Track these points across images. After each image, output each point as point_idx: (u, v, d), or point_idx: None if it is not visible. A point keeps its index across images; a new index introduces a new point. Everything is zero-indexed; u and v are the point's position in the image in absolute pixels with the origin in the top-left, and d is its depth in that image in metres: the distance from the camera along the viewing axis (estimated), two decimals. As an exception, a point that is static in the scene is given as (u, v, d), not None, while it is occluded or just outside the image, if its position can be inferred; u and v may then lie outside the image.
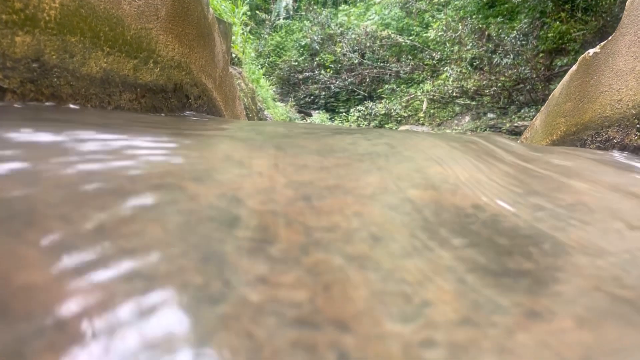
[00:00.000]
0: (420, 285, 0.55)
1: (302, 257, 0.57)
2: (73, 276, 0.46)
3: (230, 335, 0.42)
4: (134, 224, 0.57)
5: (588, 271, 0.61)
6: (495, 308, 0.51)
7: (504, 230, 0.73)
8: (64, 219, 0.54)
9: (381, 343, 0.44)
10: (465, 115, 9.46)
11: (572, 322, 0.48)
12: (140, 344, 0.40)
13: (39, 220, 0.53)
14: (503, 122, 8.21)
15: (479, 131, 8.34)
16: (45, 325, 0.40)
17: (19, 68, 1.30)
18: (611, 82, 1.84)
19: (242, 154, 0.94)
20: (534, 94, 7.99)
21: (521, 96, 8.35)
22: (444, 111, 9.91)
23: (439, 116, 9.92)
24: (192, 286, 0.48)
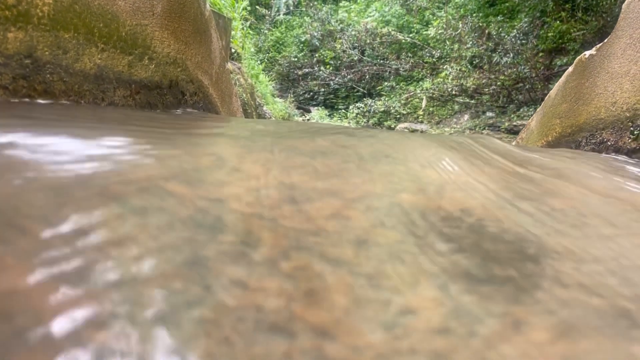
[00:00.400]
0: (402, 292, 0.54)
1: (285, 263, 0.57)
2: (53, 279, 0.46)
3: (209, 341, 0.42)
4: (117, 227, 0.57)
5: (571, 279, 0.61)
6: (477, 317, 0.51)
7: (489, 235, 0.73)
8: (47, 220, 0.54)
9: (360, 352, 0.44)
10: (464, 114, 9.46)
11: (551, 333, 0.48)
12: (119, 348, 0.40)
13: (20, 222, 0.53)
14: (502, 121, 8.21)
15: (478, 130, 8.34)
16: (25, 328, 0.40)
17: (11, 64, 1.29)
18: (606, 84, 1.83)
19: (232, 155, 0.94)
20: (533, 94, 7.99)
21: (520, 95, 8.35)
22: (443, 109, 9.91)
23: (438, 114, 9.92)
24: (173, 290, 0.48)
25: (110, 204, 0.61)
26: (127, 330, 0.42)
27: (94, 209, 0.58)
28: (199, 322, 0.44)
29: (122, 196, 0.64)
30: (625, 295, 0.59)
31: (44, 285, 0.45)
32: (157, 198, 0.66)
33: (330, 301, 0.51)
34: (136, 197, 0.64)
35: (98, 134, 0.89)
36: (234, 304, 0.48)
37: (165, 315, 0.44)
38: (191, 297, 0.47)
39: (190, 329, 0.43)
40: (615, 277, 0.63)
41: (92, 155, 0.75)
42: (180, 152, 0.89)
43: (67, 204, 0.58)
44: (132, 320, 0.43)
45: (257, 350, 0.42)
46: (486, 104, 8.92)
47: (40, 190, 0.58)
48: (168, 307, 0.45)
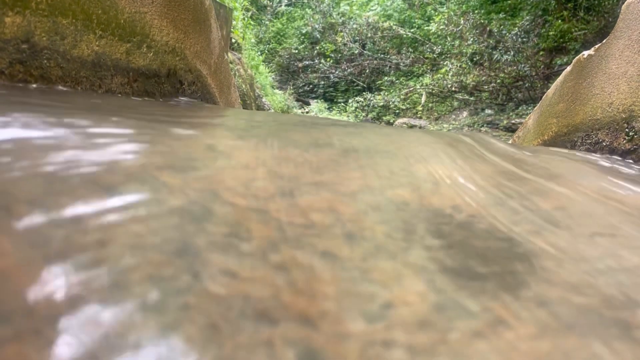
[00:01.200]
0: (388, 285, 0.55)
1: (274, 254, 0.58)
2: (42, 265, 0.46)
3: (195, 327, 0.43)
4: (108, 215, 0.57)
5: (557, 278, 0.62)
6: (460, 312, 0.52)
7: (479, 233, 0.74)
8: (38, 207, 0.55)
9: (342, 342, 0.44)
10: (463, 111, 9.46)
11: (533, 331, 0.49)
12: (105, 334, 0.40)
13: (13, 208, 0.53)
14: (500, 119, 8.22)
15: (477, 127, 8.35)
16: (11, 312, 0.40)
17: (8, 49, 1.29)
18: (603, 85, 1.84)
19: (226, 146, 0.94)
20: (532, 92, 7.99)
21: (520, 93, 8.36)
22: (442, 105, 9.91)
23: (437, 110, 9.92)
24: (160, 278, 0.49)
25: (101, 192, 0.61)
26: (112, 314, 0.42)
27: (83, 197, 0.58)
28: (185, 309, 0.45)
29: (113, 185, 0.64)
30: (610, 295, 0.60)
31: (28, 268, 0.45)
32: (149, 187, 0.66)
33: (317, 292, 0.51)
34: (127, 186, 0.64)
35: (92, 121, 0.89)
36: (222, 292, 0.48)
37: (152, 301, 0.45)
38: (179, 284, 0.48)
39: (176, 315, 0.44)
40: (600, 277, 0.63)
41: (84, 143, 0.75)
42: (175, 142, 0.89)
43: (57, 192, 0.59)
44: (118, 305, 0.43)
45: (243, 337, 0.42)
46: (485, 102, 8.93)
47: (30, 177, 0.58)
48: (155, 294, 0.46)
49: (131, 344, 0.40)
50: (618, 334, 0.49)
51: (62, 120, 0.86)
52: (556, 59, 7.98)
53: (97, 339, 0.40)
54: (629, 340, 0.48)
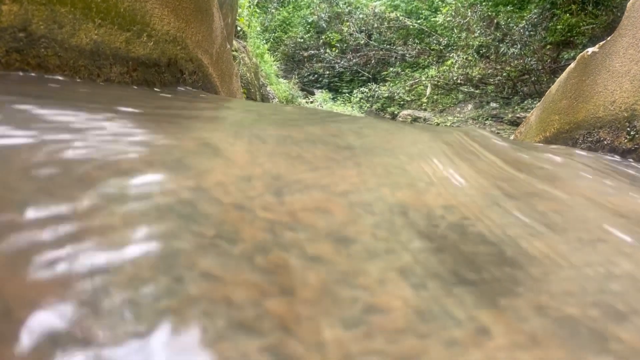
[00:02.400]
0: (372, 290, 0.55)
1: (260, 257, 0.57)
2: (24, 265, 0.46)
3: (174, 333, 0.43)
4: (93, 215, 0.57)
5: (545, 285, 0.61)
6: (446, 320, 0.52)
7: (469, 236, 0.73)
8: (24, 203, 0.54)
9: (320, 350, 0.44)
10: (468, 103, 9.41)
11: (514, 341, 0.49)
12: (81, 336, 0.40)
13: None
14: (505, 112, 8.18)
15: (481, 120, 8.30)
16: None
17: (5, 37, 1.28)
18: (606, 82, 1.82)
19: (220, 142, 0.94)
20: (538, 86, 7.93)
21: (525, 87, 8.30)
22: (447, 98, 9.85)
23: (441, 102, 9.87)
24: (143, 281, 0.48)
25: (88, 190, 0.61)
26: (90, 318, 0.42)
27: (71, 195, 0.58)
28: (165, 314, 0.45)
29: (102, 182, 0.63)
30: (598, 305, 0.59)
31: (12, 270, 0.45)
32: (138, 185, 0.66)
33: (301, 297, 0.51)
34: (116, 184, 0.64)
35: (86, 114, 0.88)
36: (204, 297, 0.48)
37: (133, 305, 0.45)
38: (161, 288, 0.48)
39: (156, 320, 0.44)
40: (588, 285, 0.63)
41: (76, 137, 0.75)
42: (168, 137, 0.89)
43: (45, 189, 0.58)
44: (96, 310, 0.43)
45: (222, 345, 0.42)
46: (490, 95, 8.87)
47: (17, 172, 0.58)
48: (137, 297, 0.46)
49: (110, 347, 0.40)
50: (597, 347, 0.49)
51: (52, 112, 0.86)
52: (563, 53, 7.90)
53: (71, 340, 0.40)
54: (606, 354, 0.48)
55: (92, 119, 0.87)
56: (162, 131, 0.92)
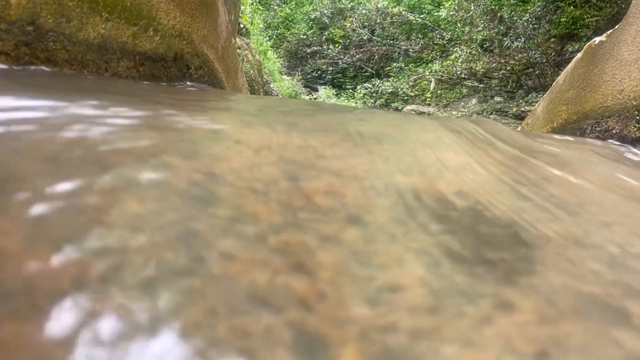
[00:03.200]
0: (391, 269, 0.55)
1: (276, 237, 0.57)
2: (44, 246, 0.46)
3: (194, 310, 0.43)
4: (110, 196, 0.57)
5: (563, 265, 0.61)
6: (464, 297, 0.52)
7: (484, 219, 0.73)
8: (40, 188, 0.54)
9: (341, 325, 0.44)
10: (472, 98, 9.38)
11: (536, 317, 0.49)
12: (103, 315, 0.40)
13: (14, 188, 0.53)
14: (510, 106, 8.14)
15: (486, 114, 8.28)
16: (11, 291, 0.40)
17: (14, 30, 1.28)
18: (614, 71, 1.81)
19: (231, 131, 0.94)
20: (542, 79, 7.90)
21: (530, 81, 8.26)
22: (451, 92, 9.82)
23: (445, 97, 9.84)
24: (162, 260, 0.48)
25: (104, 173, 0.61)
26: (112, 294, 0.42)
27: (87, 178, 0.58)
28: (185, 292, 0.45)
29: (117, 166, 0.64)
30: (616, 283, 0.59)
31: (32, 248, 0.45)
32: (152, 169, 0.66)
33: (318, 276, 0.51)
34: (131, 167, 0.64)
35: (98, 103, 0.89)
36: (223, 275, 0.48)
37: (153, 283, 0.45)
38: (180, 267, 0.48)
39: (177, 298, 0.44)
40: (607, 265, 0.63)
41: (91, 125, 0.75)
42: (180, 125, 0.89)
43: (65, 172, 0.58)
44: (119, 286, 0.43)
45: (241, 321, 0.42)
46: (495, 89, 8.84)
47: (35, 157, 0.58)
48: (156, 275, 0.46)
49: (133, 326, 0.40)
50: (619, 322, 0.48)
51: (66, 102, 0.86)
52: (567, 46, 7.86)
53: (99, 319, 0.40)
54: (628, 328, 0.47)
55: (101, 109, 0.87)
56: (174, 121, 0.93)
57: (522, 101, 8.04)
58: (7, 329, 0.37)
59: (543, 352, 0.43)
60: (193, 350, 0.38)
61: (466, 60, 9.36)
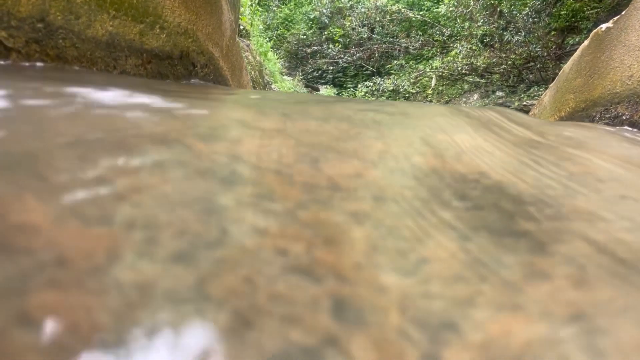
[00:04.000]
0: (421, 242, 0.55)
1: (303, 213, 0.57)
2: (74, 221, 0.46)
3: (229, 279, 0.43)
4: (135, 176, 0.57)
5: (590, 234, 0.61)
6: (495, 266, 0.51)
7: (508, 196, 0.73)
8: (66, 169, 0.54)
9: (379, 293, 0.44)
10: (473, 93, 9.36)
11: (569, 282, 0.48)
12: (136, 284, 0.40)
13: (40, 170, 0.53)
14: (512, 101, 8.12)
15: (487, 110, 8.24)
16: (45, 262, 0.40)
17: (24, 27, 1.29)
18: (623, 57, 1.80)
19: (248, 117, 0.94)
20: (544, 73, 7.88)
21: (531, 75, 8.24)
22: (453, 88, 9.81)
23: (447, 93, 9.82)
24: (192, 234, 0.48)
25: (128, 155, 0.61)
26: (145, 266, 0.42)
27: (114, 159, 0.58)
28: (219, 262, 0.45)
29: (140, 148, 0.64)
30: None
31: (64, 224, 0.45)
32: (175, 151, 0.66)
33: (349, 248, 0.51)
34: (154, 150, 0.64)
35: (115, 93, 0.89)
36: (254, 247, 0.48)
37: (185, 255, 0.45)
38: (211, 239, 0.48)
39: (210, 268, 0.43)
40: (632, 234, 0.62)
41: (110, 110, 0.75)
42: (198, 112, 0.89)
43: (88, 154, 0.58)
44: (151, 258, 0.43)
45: (278, 288, 0.42)
46: (496, 84, 8.83)
47: (62, 139, 0.58)
48: (187, 248, 0.46)
49: (166, 296, 0.40)
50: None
51: (82, 91, 0.86)
52: (568, 39, 7.84)
53: (126, 287, 0.40)
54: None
55: (119, 97, 0.87)
56: (191, 108, 0.93)
57: (524, 95, 8.02)
58: (44, 296, 0.37)
59: (580, 315, 0.43)
60: (233, 316, 0.38)
61: (467, 56, 9.35)
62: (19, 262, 0.38)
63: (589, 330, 0.41)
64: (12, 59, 1.28)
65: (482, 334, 0.40)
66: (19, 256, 0.38)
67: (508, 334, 0.40)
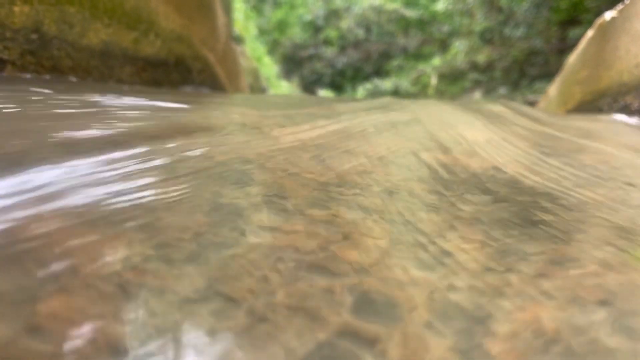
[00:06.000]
0: (441, 236, 0.52)
1: (317, 210, 0.55)
2: (84, 226, 0.44)
3: (247, 279, 0.40)
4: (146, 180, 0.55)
5: (611, 222, 0.59)
6: (520, 256, 0.49)
7: (523, 189, 0.70)
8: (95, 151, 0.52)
9: (403, 287, 0.41)
10: (475, 90, 9.33)
11: (594, 268, 0.46)
12: (151, 288, 0.37)
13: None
14: (515, 97, 8.09)
15: (489, 106, 8.21)
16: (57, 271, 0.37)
17: (19, 39, 1.26)
18: (629, 46, 1.77)
19: (252, 119, 0.92)
20: (546, 67, 7.84)
21: (533, 69, 8.20)
22: (454, 86, 9.78)
23: (448, 92, 9.79)
24: (205, 234, 0.46)
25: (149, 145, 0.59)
26: (161, 269, 0.40)
27: (121, 161, 0.56)
28: (234, 261, 0.42)
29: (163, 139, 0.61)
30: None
31: (74, 232, 0.43)
32: (184, 153, 0.64)
33: (368, 244, 0.48)
34: (162, 153, 0.62)
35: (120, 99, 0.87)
36: (270, 245, 0.45)
37: (199, 256, 0.42)
38: (225, 239, 0.45)
39: (226, 268, 0.41)
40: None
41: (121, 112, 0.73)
42: (201, 113, 0.87)
43: (96, 151, 0.56)
44: (167, 261, 0.40)
45: (298, 286, 0.39)
46: (498, 80, 8.79)
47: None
48: (201, 249, 0.43)
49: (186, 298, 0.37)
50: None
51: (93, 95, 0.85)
52: (569, 32, 7.79)
53: (145, 291, 0.37)
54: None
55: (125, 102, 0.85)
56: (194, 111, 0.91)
57: (527, 90, 7.98)
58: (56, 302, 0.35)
59: (609, 299, 0.41)
60: (252, 316, 0.35)
61: (467, 53, 9.31)
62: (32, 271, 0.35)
63: (620, 313, 0.39)
64: (7, 71, 1.25)
65: (511, 325, 0.37)
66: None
67: (538, 323, 0.37)
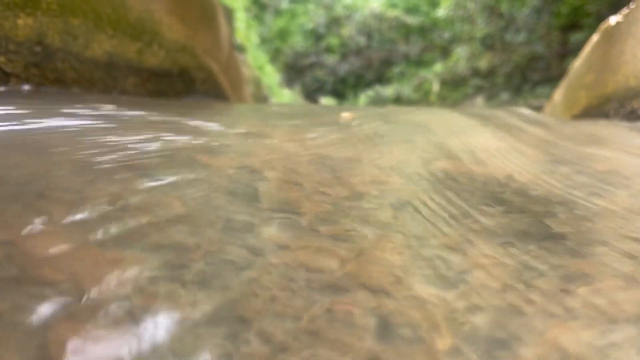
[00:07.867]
0: (457, 251, 0.50)
1: (330, 226, 0.53)
2: (89, 244, 0.42)
3: (257, 300, 0.38)
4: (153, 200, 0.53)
5: (625, 233, 0.57)
6: (539, 271, 0.48)
7: (536, 199, 0.69)
8: (80, 194, 0.51)
9: (424, 307, 0.40)
10: (477, 97, 9.32)
11: (618, 282, 0.44)
12: (166, 308, 0.36)
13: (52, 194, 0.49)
14: (517, 102, 8.07)
15: (491, 112, 8.19)
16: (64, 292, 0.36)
17: (22, 51, 1.25)
18: (635, 50, 1.75)
19: (258, 130, 0.90)
20: (548, 72, 7.83)
21: (535, 74, 8.19)
22: (456, 93, 9.78)
23: (450, 98, 9.79)
24: (221, 254, 0.44)
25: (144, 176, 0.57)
26: (174, 291, 0.38)
27: (130, 180, 0.54)
28: (247, 284, 0.40)
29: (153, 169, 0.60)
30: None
31: (79, 249, 0.41)
32: (190, 168, 0.62)
33: (383, 261, 0.46)
34: (170, 169, 0.61)
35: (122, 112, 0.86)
36: (281, 265, 0.44)
37: (211, 278, 0.41)
38: (237, 260, 0.44)
39: (239, 290, 0.39)
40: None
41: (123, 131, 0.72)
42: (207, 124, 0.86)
43: (102, 176, 0.55)
44: (179, 282, 0.39)
45: (316, 310, 0.38)
46: (500, 85, 8.78)
47: (72, 162, 0.54)
48: (214, 271, 0.42)
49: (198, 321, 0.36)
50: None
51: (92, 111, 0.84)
52: (570, 36, 7.79)
53: (156, 314, 0.36)
54: None
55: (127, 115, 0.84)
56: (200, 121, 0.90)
57: (529, 95, 7.96)
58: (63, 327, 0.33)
59: (635, 315, 0.39)
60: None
61: (469, 59, 9.31)
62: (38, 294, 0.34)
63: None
64: (11, 84, 1.25)
65: (535, 347, 0.36)
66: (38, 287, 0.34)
67: (562, 344, 0.36)
